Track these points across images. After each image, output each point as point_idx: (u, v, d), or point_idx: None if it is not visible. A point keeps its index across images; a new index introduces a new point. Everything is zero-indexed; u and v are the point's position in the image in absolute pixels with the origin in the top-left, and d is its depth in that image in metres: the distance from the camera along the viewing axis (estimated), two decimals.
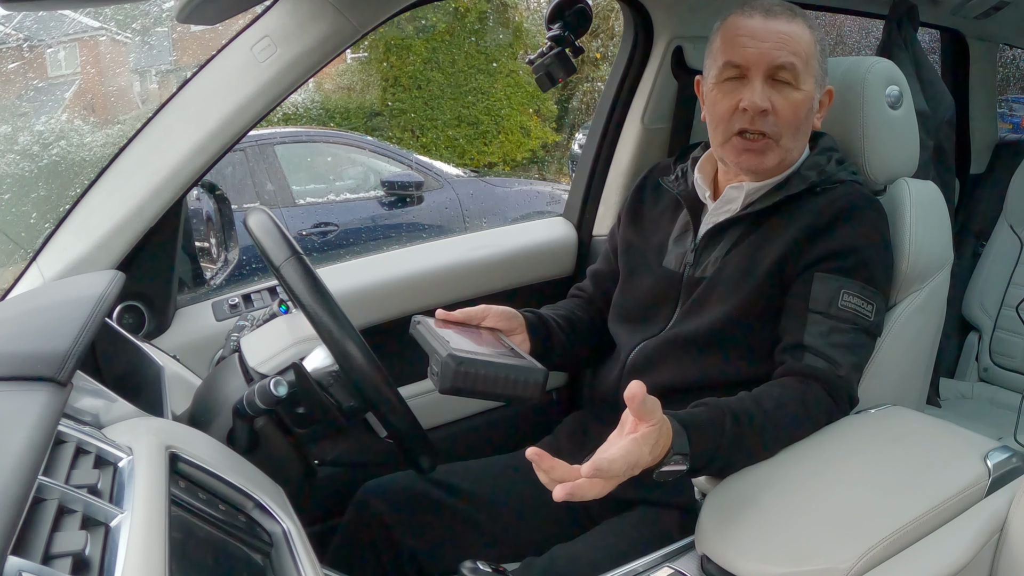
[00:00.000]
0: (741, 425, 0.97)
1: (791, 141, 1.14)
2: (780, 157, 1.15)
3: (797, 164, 1.19)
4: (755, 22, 1.12)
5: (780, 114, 1.11)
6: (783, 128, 1.13)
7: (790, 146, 1.15)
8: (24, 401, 0.68)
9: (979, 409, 2.04)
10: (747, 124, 1.12)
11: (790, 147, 1.15)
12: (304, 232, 4.66)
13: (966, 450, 1.01)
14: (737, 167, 1.17)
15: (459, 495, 1.27)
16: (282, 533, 0.79)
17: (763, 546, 0.89)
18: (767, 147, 1.13)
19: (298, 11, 1.26)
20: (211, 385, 1.12)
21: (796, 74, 1.11)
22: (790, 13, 1.13)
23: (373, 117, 8.70)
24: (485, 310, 1.15)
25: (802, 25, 1.13)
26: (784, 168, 1.18)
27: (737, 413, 0.97)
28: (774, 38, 1.10)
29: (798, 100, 1.12)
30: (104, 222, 1.26)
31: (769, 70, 1.11)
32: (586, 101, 9.46)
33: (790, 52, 1.10)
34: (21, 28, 6.94)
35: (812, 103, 1.14)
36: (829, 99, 1.20)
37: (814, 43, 1.13)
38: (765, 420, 0.99)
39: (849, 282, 1.08)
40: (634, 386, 0.82)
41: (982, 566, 0.92)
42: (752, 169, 1.16)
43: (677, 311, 1.21)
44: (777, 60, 1.10)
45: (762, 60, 1.10)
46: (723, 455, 0.96)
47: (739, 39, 1.12)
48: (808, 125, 1.16)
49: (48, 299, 0.96)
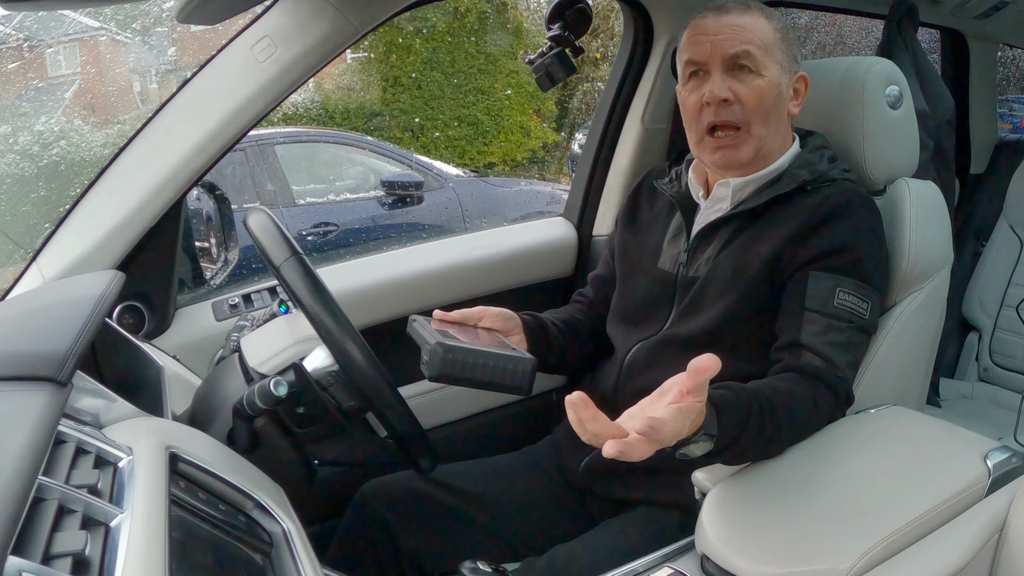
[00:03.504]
0: (763, 414, 0.95)
1: (762, 128, 1.15)
2: (754, 147, 1.15)
3: (787, 162, 1.19)
4: (708, 20, 1.15)
5: (744, 101, 1.13)
6: (750, 115, 1.14)
7: (762, 134, 1.15)
8: (24, 401, 0.68)
9: (979, 409, 2.05)
10: (713, 117, 1.14)
11: (762, 135, 1.15)
12: (304, 232, 4.66)
13: (966, 450, 1.01)
14: (714, 165, 1.18)
15: (459, 495, 1.27)
16: (282, 533, 0.79)
17: (763, 546, 0.89)
18: (738, 140, 1.14)
19: (298, 11, 1.26)
20: (211, 385, 1.12)
21: (755, 61, 1.13)
22: (742, 7, 1.16)
23: (373, 117, 8.70)
24: (482, 311, 1.15)
25: (756, 16, 1.15)
26: (765, 160, 1.18)
27: (760, 401, 0.96)
28: (727, 31, 1.13)
29: (761, 86, 1.13)
30: (104, 222, 1.26)
31: (725, 61, 1.13)
32: (586, 101, 9.46)
33: (743, 41, 1.12)
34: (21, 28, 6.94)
35: (779, 89, 1.15)
36: (805, 86, 1.20)
37: (773, 31, 1.15)
38: (782, 413, 0.98)
39: (844, 280, 1.08)
40: (708, 359, 0.77)
41: (982, 566, 0.92)
42: (728, 164, 1.16)
43: (673, 312, 1.21)
44: (731, 50, 1.12)
45: (716, 52, 1.13)
46: (744, 442, 0.93)
47: (695, 37, 1.15)
48: (779, 112, 1.16)
49: (48, 299, 0.96)
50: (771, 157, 1.18)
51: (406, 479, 1.28)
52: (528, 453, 1.38)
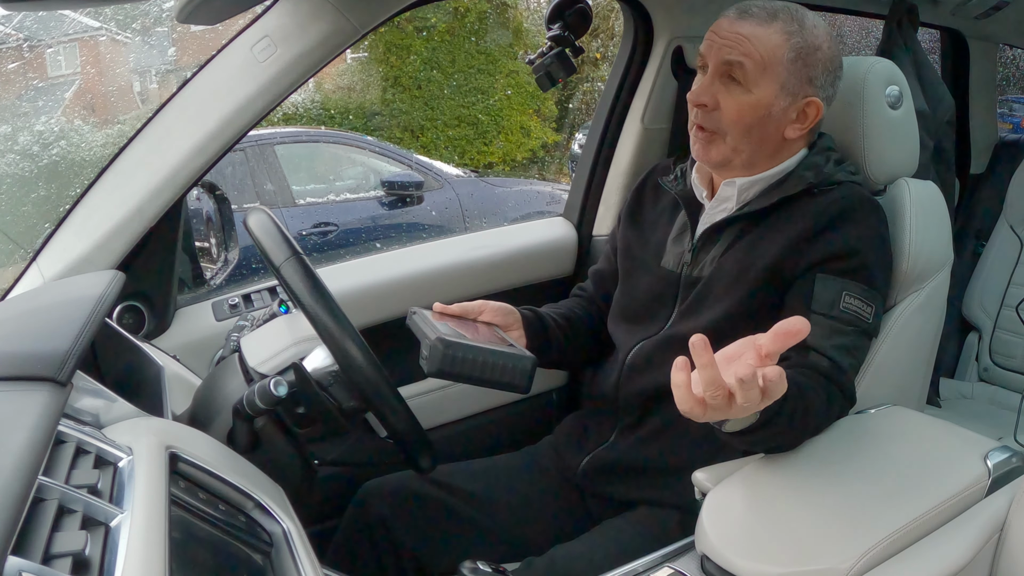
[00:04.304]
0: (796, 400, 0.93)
1: (740, 142, 1.13)
2: (724, 154, 1.14)
3: (794, 164, 1.18)
4: (726, 20, 1.14)
5: (723, 112, 1.12)
6: (727, 127, 1.12)
7: (739, 147, 1.13)
8: (24, 401, 0.68)
9: (979, 409, 2.05)
10: (695, 118, 1.15)
11: (739, 148, 1.13)
12: (304, 232, 4.66)
13: (966, 450, 1.01)
14: (696, 158, 1.18)
15: (459, 495, 1.27)
16: (282, 533, 0.79)
17: (763, 546, 0.89)
18: (711, 139, 1.14)
19: (298, 11, 1.26)
20: (211, 385, 1.12)
21: (745, 75, 1.10)
22: (767, 16, 1.11)
23: (373, 117, 8.70)
24: (482, 305, 1.15)
25: (776, 29, 1.10)
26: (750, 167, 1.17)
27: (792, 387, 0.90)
28: (732, 37, 1.11)
29: (744, 102, 1.11)
30: (104, 222, 1.26)
31: (718, 66, 1.12)
32: (586, 101, 9.46)
33: (740, 52, 1.10)
34: (21, 28, 6.94)
35: (768, 109, 1.11)
36: (816, 112, 1.14)
37: (785, 49, 1.10)
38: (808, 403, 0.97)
39: (851, 284, 1.08)
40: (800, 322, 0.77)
41: (982, 566, 0.92)
42: (702, 159, 1.17)
43: (675, 311, 1.21)
44: (725, 57, 1.11)
45: (715, 55, 1.12)
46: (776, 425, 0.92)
47: (709, 34, 1.15)
48: (766, 131, 1.13)
49: (48, 299, 0.96)
50: (759, 166, 1.17)
51: (406, 479, 1.28)
52: (528, 453, 1.38)
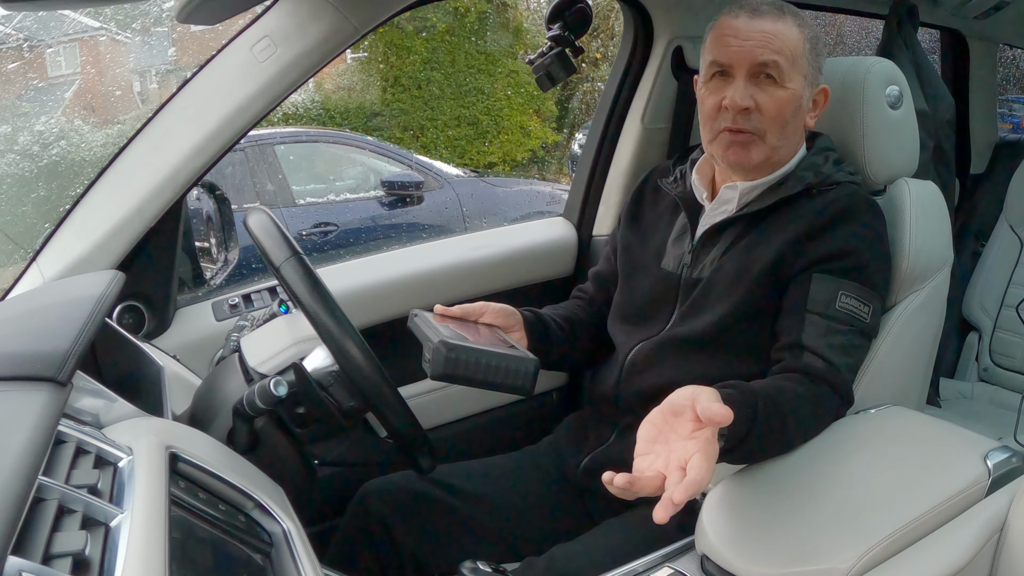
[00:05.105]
0: (770, 413, 0.95)
1: (777, 139, 1.14)
2: (765, 154, 1.15)
3: (793, 165, 1.19)
4: (740, 21, 1.13)
5: (764, 111, 1.12)
6: (767, 125, 1.13)
7: (776, 144, 1.15)
8: (24, 401, 0.68)
9: (979, 409, 2.04)
10: (730, 123, 1.13)
11: (776, 144, 1.15)
12: (304, 232, 4.66)
13: (966, 450, 1.01)
14: (725, 162, 1.17)
15: (459, 495, 1.27)
16: (282, 533, 0.79)
17: (763, 546, 0.89)
18: (751, 141, 1.14)
19: (298, 11, 1.26)
20: (211, 385, 1.12)
21: (780, 72, 1.11)
22: (778, 12, 1.13)
23: (373, 117, 8.70)
24: (483, 306, 1.15)
25: (790, 24, 1.13)
26: (774, 166, 1.18)
27: (766, 400, 0.95)
28: (757, 36, 1.11)
29: (783, 98, 1.12)
30: (104, 222, 1.26)
31: (752, 68, 1.11)
32: (586, 101, 9.45)
33: (773, 50, 1.11)
34: (21, 28, 6.94)
35: (800, 101, 1.14)
36: (824, 98, 1.19)
37: (803, 41, 1.13)
38: (788, 412, 0.98)
39: (847, 283, 1.08)
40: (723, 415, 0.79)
41: (982, 566, 0.92)
42: (739, 163, 1.16)
43: (675, 312, 1.21)
44: (759, 58, 1.11)
45: (744, 58, 1.11)
46: (751, 442, 0.93)
47: (724, 38, 1.13)
48: (797, 123, 1.16)
49: (48, 299, 0.96)
50: (780, 164, 1.18)
51: (406, 479, 1.28)
52: (528, 453, 1.38)
